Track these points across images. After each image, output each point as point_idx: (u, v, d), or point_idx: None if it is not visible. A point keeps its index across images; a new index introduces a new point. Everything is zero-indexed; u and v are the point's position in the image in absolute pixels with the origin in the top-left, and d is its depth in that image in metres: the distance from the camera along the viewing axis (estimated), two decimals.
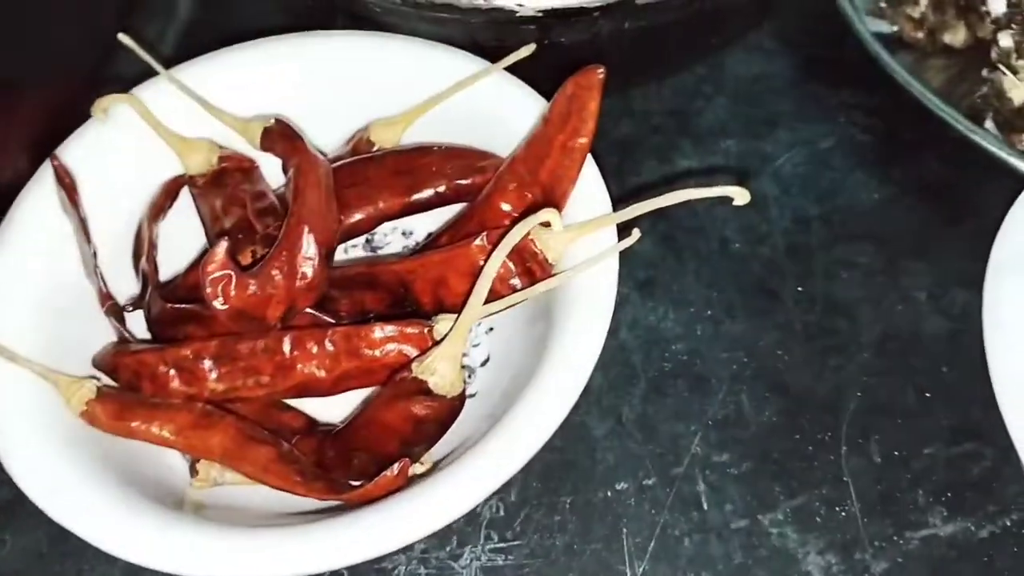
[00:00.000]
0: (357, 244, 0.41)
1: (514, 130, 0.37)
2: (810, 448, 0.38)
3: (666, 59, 0.43)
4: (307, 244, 0.34)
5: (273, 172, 0.38)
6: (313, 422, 0.36)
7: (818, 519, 0.36)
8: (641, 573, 0.35)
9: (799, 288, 0.42)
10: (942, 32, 0.49)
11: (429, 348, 0.33)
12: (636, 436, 0.38)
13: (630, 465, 0.37)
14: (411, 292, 0.35)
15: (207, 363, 0.34)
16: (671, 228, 0.43)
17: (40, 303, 0.34)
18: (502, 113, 0.38)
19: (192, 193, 0.38)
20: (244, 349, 0.34)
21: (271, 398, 0.34)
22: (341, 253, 0.39)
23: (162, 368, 0.34)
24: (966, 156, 0.43)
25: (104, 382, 0.34)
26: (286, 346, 0.34)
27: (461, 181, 0.38)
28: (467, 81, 0.38)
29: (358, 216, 0.38)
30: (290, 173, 0.36)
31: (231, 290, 0.32)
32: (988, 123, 0.44)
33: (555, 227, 0.32)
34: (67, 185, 0.35)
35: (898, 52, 0.50)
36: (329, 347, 0.34)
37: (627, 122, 0.46)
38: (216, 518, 0.33)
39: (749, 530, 0.36)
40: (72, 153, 0.37)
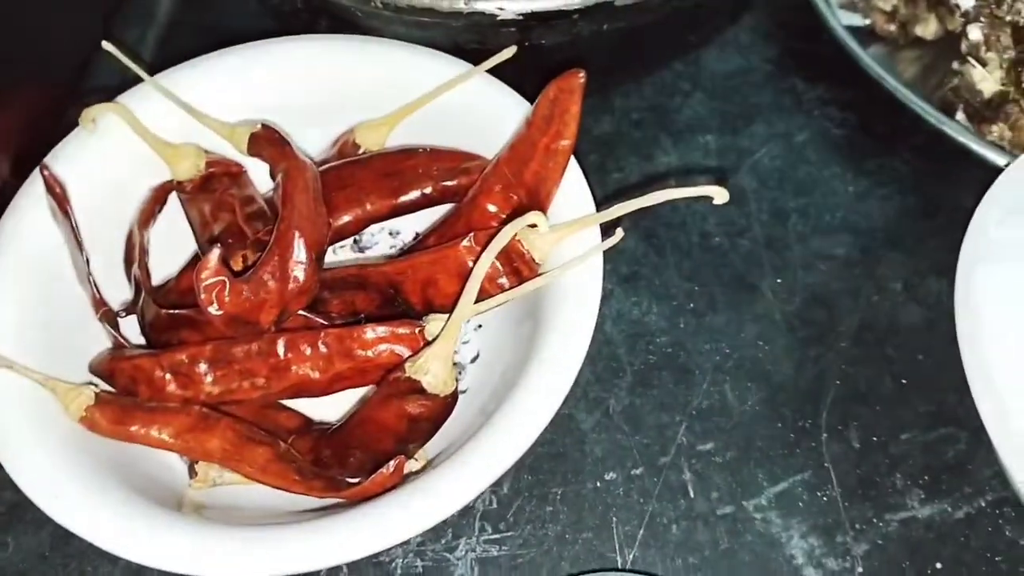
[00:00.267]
0: (345, 245, 0.42)
1: (497, 131, 0.38)
2: (792, 436, 0.39)
3: (645, 57, 0.44)
4: (298, 249, 0.34)
5: (260, 175, 0.39)
6: (308, 421, 0.37)
7: (800, 504, 0.37)
8: (631, 560, 0.36)
9: (778, 280, 0.43)
10: (913, 25, 0.50)
11: (421, 348, 0.34)
12: (623, 427, 0.39)
13: (618, 456, 0.38)
14: (401, 293, 0.36)
15: (203, 366, 0.34)
16: (653, 223, 0.44)
17: (35, 312, 0.35)
18: (485, 114, 0.39)
19: (181, 199, 0.39)
20: (239, 352, 0.34)
21: (266, 399, 0.35)
22: (330, 254, 0.39)
23: (158, 373, 0.34)
24: (938, 148, 0.44)
25: (101, 388, 0.34)
26: (280, 348, 0.34)
27: (447, 182, 0.38)
28: (450, 83, 0.39)
29: (346, 218, 0.39)
30: (278, 178, 0.37)
31: (225, 296, 0.33)
32: (959, 115, 0.45)
33: (541, 229, 0.33)
34: (57, 194, 0.36)
35: (871, 45, 0.51)
36: (322, 349, 0.34)
37: (607, 119, 0.47)
38: (216, 517, 0.33)
39: (734, 516, 0.37)
40: (60, 161, 0.37)
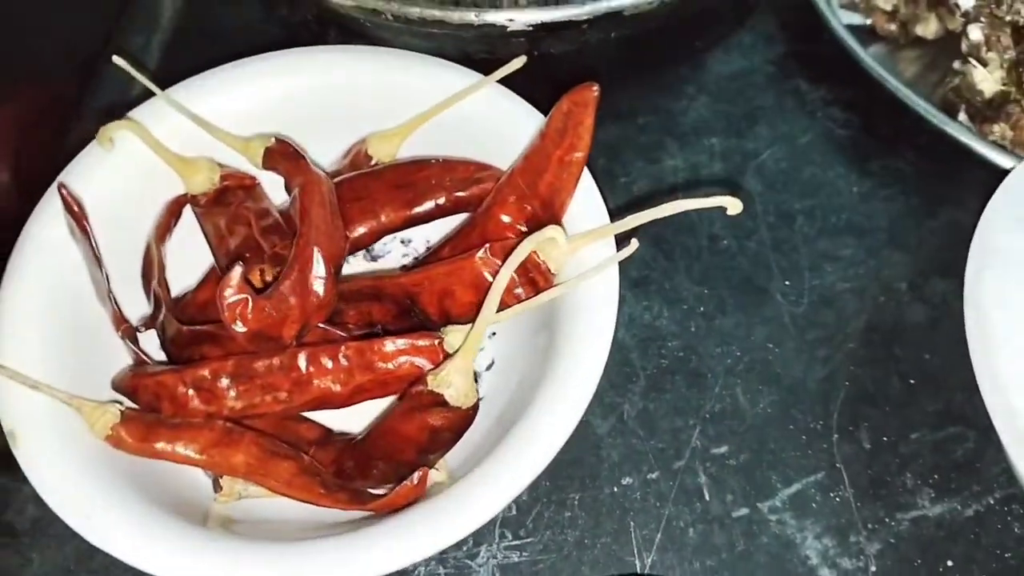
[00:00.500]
0: (358, 254, 0.42)
1: (507, 139, 0.39)
2: (803, 437, 0.39)
3: (649, 61, 0.45)
4: (317, 264, 0.35)
5: (272, 186, 0.39)
6: (328, 432, 0.37)
7: (814, 505, 0.38)
8: (650, 564, 0.37)
9: (786, 282, 0.43)
10: (914, 24, 0.50)
11: (440, 360, 0.34)
12: (638, 432, 0.39)
13: (634, 460, 0.39)
14: (418, 304, 0.37)
15: (225, 382, 0.35)
16: (662, 228, 0.44)
17: (57, 330, 0.35)
18: (495, 123, 0.39)
19: (195, 212, 0.39)
20: (261, 367, 0.35)
21: (288, 413, 0.36)
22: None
23: (181, 389, 0.35)
24: (940, 147, 0.44)
25: (125, 405, 0.35)
26: (302, 362, 0.35)
27: (460, 193, 0.39)
28: (462, 94, 0.39)
29: (361, 230, 0.39)
30: (295, 192, 0.37)
31: (248, 313, 0.33)
32: (961, 115, 0.46)
33: (559, 242, 0.33)
34: (75, 212, 0.36)
35: (871, 44, 0.51)
36: (343, 362, 0.35)
37: (613, 123, 0.48)
38: (242, 531, 0.34)
39: (749, 518, 0.37)
40: (75, 177, 0.37)
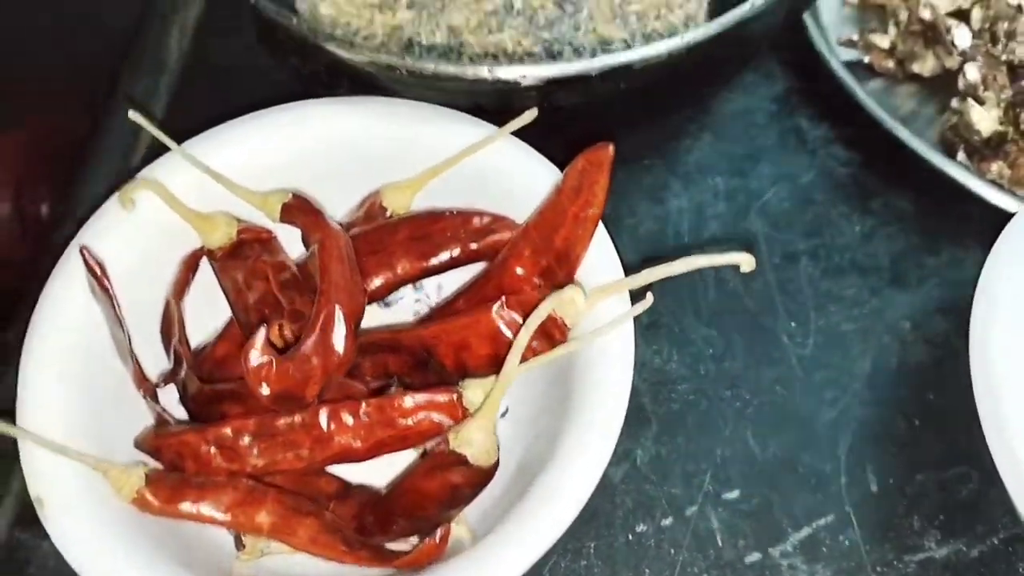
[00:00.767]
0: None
1: (518, 189, 0.39)
2: (812, 480, 0.40)
3: (656, 106, 0.45)
4: (338, 323, 0.35)
5: (288, 236, 0.40)
6: (346, 485, 0.38)
7: (824, 549, 0.39)
8: None
9: (792, 323, 0.44)
10: (911, 62, 0.51)
11: (459, 414, 0.35)
12: (651, 478, 0.40)
13: (647, 507, 0.39)
14: (434, 356, 0.37)
15: (247, 440, 0.35)
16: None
17: (79, 390, 0.35)
18: (507, 173, 0.40)
19: (212, 266, 0.40)
20: (282, 425, 0.35)
21: (309, 469, 0.36)
22: None
23: (204, 448, 0.35)
24: (940, 184, 0.45)
25: (149, 464, 0.35)
26: (323, 420, 0.35)
27: (474, 245, 0.39)
28: (475, 146, 0.39)
29: (378, 282, 0.39)
30: (313, 248, 0.37)
31: (272, 376, 0.34)
32: (960, 155, 0.47)
33: (578, 302, 0.34)
34: (96, 274, 0.36)
35: (869, 79, 0.52)
36: (364, 418, 0.35)
37: (619, 166, 0.47)
38: None
39: (762, 563, 0.38)
40: (94, 235, 0.38)
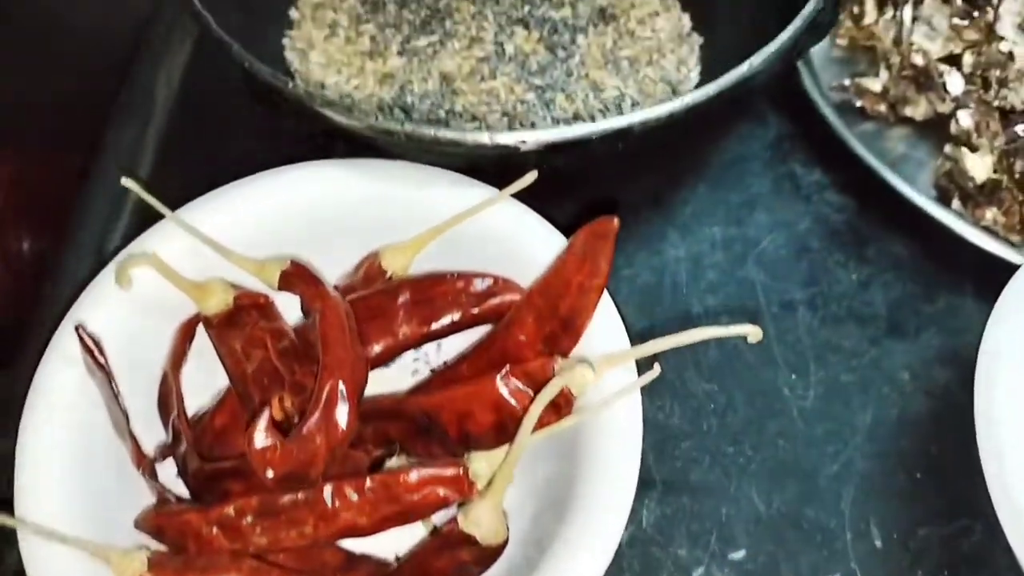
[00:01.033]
0: None
1: (518, 250, 0.39)
2: (818, 536, 0.40)
3: (649, 155, 0.45)
4: (341, 399, 0.35)
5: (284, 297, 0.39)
6: (351, 557, 0.37)
7: None
8: None
9: (792, 375, 0.44)
10: (903, 106, 0.51)
11: (465, 488, 0.34)
12: (657, 539, 0.40)
13: (654, 569, 0.39)
14: (437, 423, 0.37)
15: (250, 519, 0.34)
16: (671, 322, 0.45)
17: (77, 472, 0.35)
18: (506, 235, 0.40)
19: (209, 334, 0.39)
20: (286, 502, 0.34)
21: (314, 545, 0.36)
22: None
23: (206, 528, 0.34)
24: (934, 229, 0.45)
25: (151, 546, 0.34)
26: (327, 497, 0.34)
27: (476, 310, 0.39)
28: (475, 208, 0.39)
29: (378, 348, 0.39)
30: (314, 318, 0.37)
31: (277, 459, 0.33)
32: (955, 202, 0.47)
33: (588, 377, 0.34)
34: (92, 351, 0.35)
35: (861, 122, 0.52)
36: (369, 494, 0.35)
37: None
38: None
39: None
40: (88, 308, 0.37)
